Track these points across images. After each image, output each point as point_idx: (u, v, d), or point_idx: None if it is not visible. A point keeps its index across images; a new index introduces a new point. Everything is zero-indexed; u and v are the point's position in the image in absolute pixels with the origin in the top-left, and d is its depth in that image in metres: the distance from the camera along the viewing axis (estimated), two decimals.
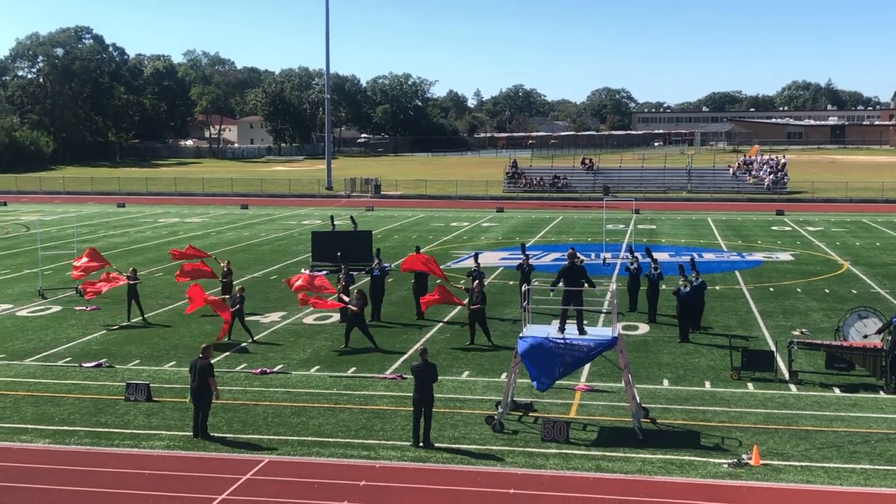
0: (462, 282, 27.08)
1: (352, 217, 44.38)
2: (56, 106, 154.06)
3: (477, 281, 27.28)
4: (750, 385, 22.09)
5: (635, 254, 31.64)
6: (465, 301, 26.61)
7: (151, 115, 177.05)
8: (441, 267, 31.23)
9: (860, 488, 15.93)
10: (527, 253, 31.74)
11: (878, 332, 23.26)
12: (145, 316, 29.88)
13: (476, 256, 31.78)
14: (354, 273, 30.67)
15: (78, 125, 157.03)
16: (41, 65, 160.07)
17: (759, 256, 44.77)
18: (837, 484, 16.10)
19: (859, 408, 20.38)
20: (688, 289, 26.79)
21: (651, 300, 29.46)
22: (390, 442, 18.25)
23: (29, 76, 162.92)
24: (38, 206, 77.86)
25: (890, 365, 21.62)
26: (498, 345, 25.96)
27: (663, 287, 29.92)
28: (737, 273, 39.28)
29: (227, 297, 29.44)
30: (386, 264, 32.78)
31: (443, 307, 31.43)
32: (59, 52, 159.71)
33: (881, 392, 21.46)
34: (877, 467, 16.82)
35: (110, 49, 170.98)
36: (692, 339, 26.61)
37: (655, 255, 32.59)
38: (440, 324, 29.20)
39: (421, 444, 17.87)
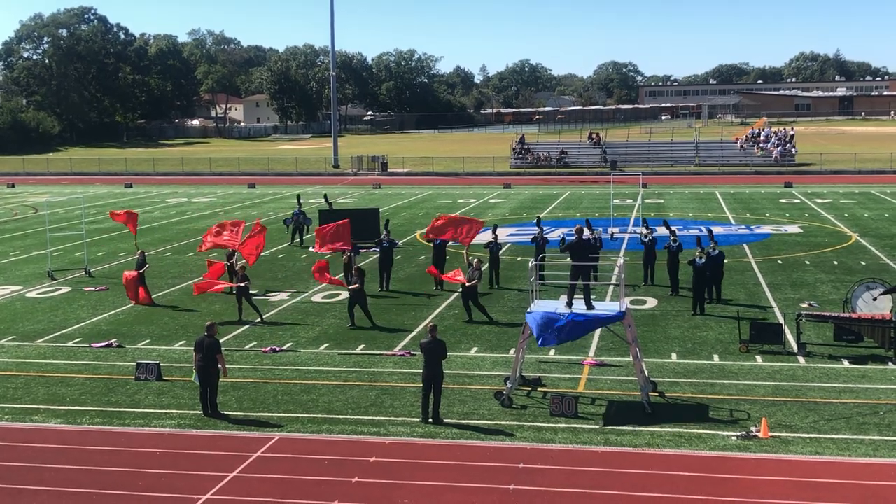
0: (475, 260, 27.17)
1: (325, 195, 44.75)
2: (62, 87, 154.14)
3: (477, 259, 27.41)
4: (758, 358, 22.10)
5: (650, 227, 31.54)
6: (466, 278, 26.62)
7: (157, 95, 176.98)
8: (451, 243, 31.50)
9: (869, 459, 15.95)
10: (542, 226, 32.09)
11: (885, 293, 23.26)
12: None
13: (494, 229, 32.23)
14: (363, 250, 30.83)
15: (84, 106, 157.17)
16: (46, 46, 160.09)
17: (767, 229, 44.66)
18: (846, 455, 16.12)
19: (868, 379, 20.39)
20: (703, 260, 26.75)
21: (672, 273, 29.45)
22: (400, 418, 18.33)
23: (34, 58, 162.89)
24: (46, 188, 78.05)
25: None
26: (505, 321, 26.00)
27: (683, 262, 29.91)
28: (745, 246, 39.19)
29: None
30: (395, 240, 33.13)
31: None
32: (64, 33, 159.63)
33: (890, 363, 21.44)
34: (886, 438, 16.84)
35: (115, 29, 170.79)
36: (708, 312, 26.58)
37: (664, 230, 32.55)
38: (449, 299, 29.23)
39: (430, 419, 17.93)
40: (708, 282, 27.41)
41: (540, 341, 18.74)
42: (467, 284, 26.07)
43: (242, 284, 26.62)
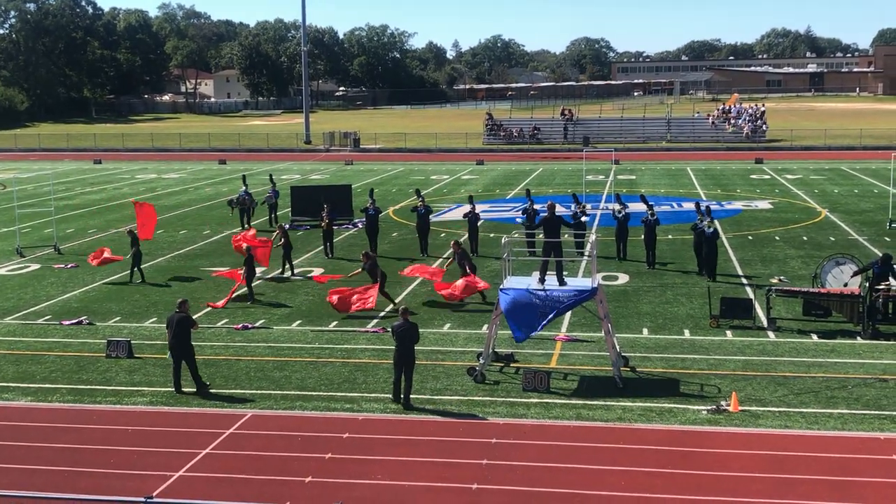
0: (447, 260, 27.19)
1: (270, 175, 45.13)
2: (30, 62, 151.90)
3: (453, 241, 27.57)
4: (728, 332, 22.28)
5: (623, 203, 31.66)
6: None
7: (126, 70, 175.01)
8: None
9: (837, 432, 16.14)
10: (532, 199, 32.94)
11: (855, 274, 23.50)
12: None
13: (471, 199, 32.99)
14: (336, 227, 30.91)
15: (52, 81, 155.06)
16: (13, 21, 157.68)
17: (737, 205, 44.91)
18: (815, 429, 16.31)
19: (837, 353, 20.61)
20: (712, 229, 27.19)
21: (649, 247, 29.64)
22: (373, 395, 18.34)
23: (1, 32, 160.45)
24: (14, 164, 77.06)
25: (867, 311, 21.84)
26: (478, 298, 25.97)
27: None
28: (716, 222, 39.31)
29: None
30: (380, 208, 34.18)
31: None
32: (31, 7, 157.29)
33: (858, 338, 21.68)
34: (854, 412, 17.05)
35: (83, 3, 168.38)
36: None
37: (635, 206, 32.66)
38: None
39: (402, 397, 17.85)
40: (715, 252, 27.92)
41: (516, 336, 18.82)
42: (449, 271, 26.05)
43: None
